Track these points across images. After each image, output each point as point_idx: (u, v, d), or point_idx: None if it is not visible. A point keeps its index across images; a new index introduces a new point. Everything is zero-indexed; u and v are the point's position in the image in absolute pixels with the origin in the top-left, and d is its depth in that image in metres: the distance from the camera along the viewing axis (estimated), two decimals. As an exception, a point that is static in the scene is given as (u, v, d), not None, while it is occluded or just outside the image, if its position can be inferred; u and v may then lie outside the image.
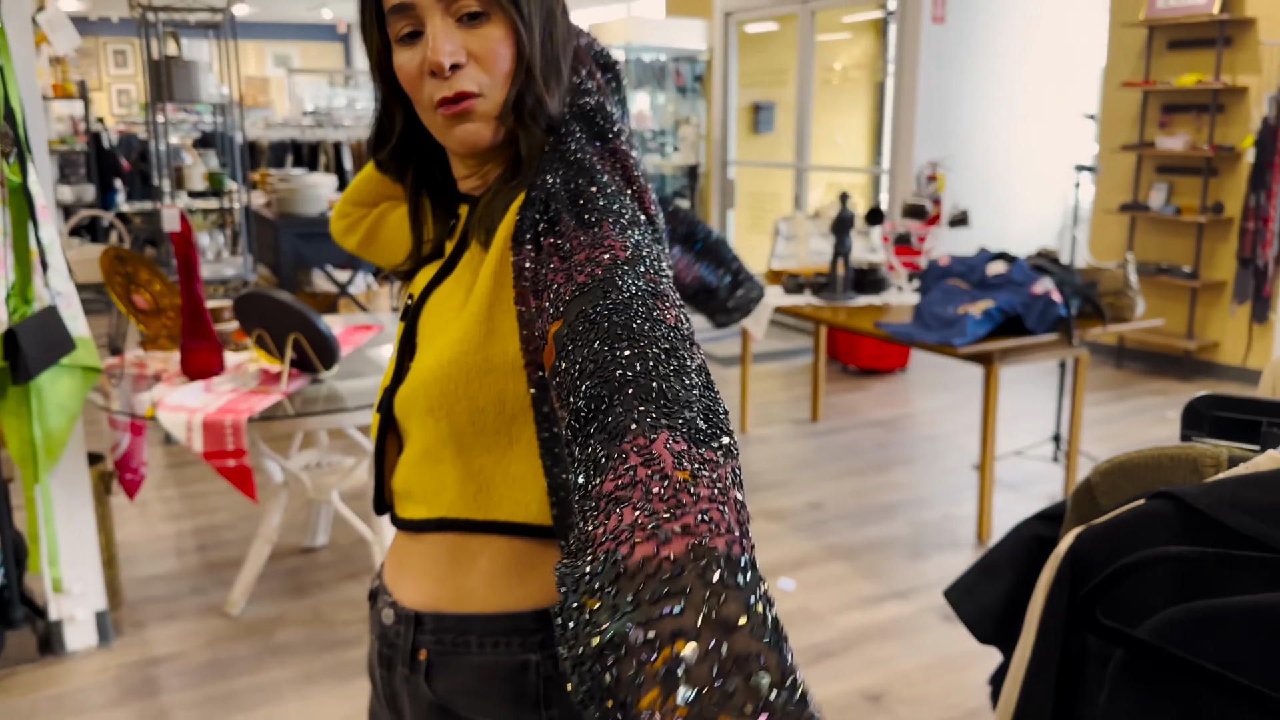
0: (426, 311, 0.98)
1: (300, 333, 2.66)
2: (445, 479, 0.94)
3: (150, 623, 2.92)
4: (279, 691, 2.58)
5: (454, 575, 0.96)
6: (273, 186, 5.11)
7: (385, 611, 1.01)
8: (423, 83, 0.91)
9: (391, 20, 0.91)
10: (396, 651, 0.99)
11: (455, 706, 0.95)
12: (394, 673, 1.00)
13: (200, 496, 3.86)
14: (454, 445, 0.93)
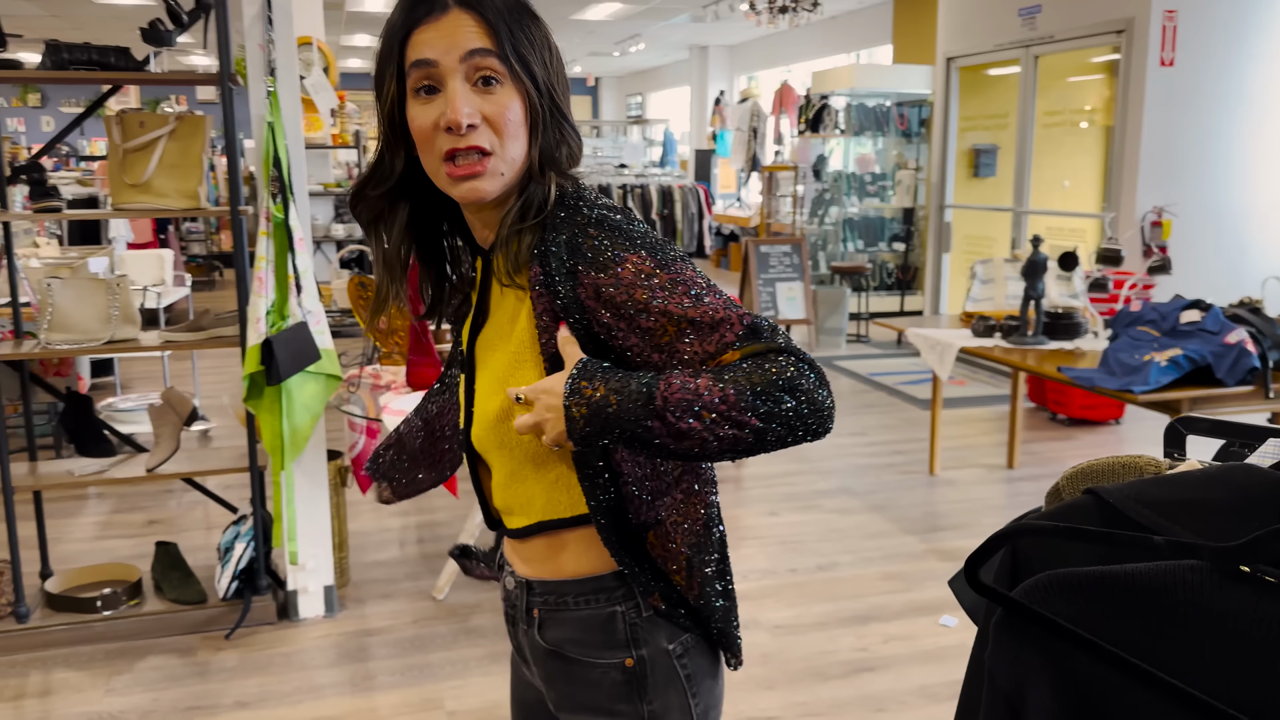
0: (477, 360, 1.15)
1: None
2: (532, 492, 1.13)
3: (369, 600, 3.36)
4: (467, 667, 2.93)
5: (552, 558, 1.16)
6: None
7: (507, 579, 1.22)
8: (435, 135, 1.02)
9: (412, 73, 1.02)
10: (518, 611, 1.21)
11: (565, 651, 1.16)
12: (517, 628, 1.22)
13: (424, 497, 4.35)
14: (530, 465, 1.11)
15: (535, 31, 1.06)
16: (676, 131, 15.87)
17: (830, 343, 7.99)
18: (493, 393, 1.10)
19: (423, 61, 1.01)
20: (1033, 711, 0.80)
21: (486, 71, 1.01)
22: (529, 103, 1.03)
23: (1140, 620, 0.76)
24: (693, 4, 10.81)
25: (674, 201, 9.91)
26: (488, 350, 1.14)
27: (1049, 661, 0.79)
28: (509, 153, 1.03)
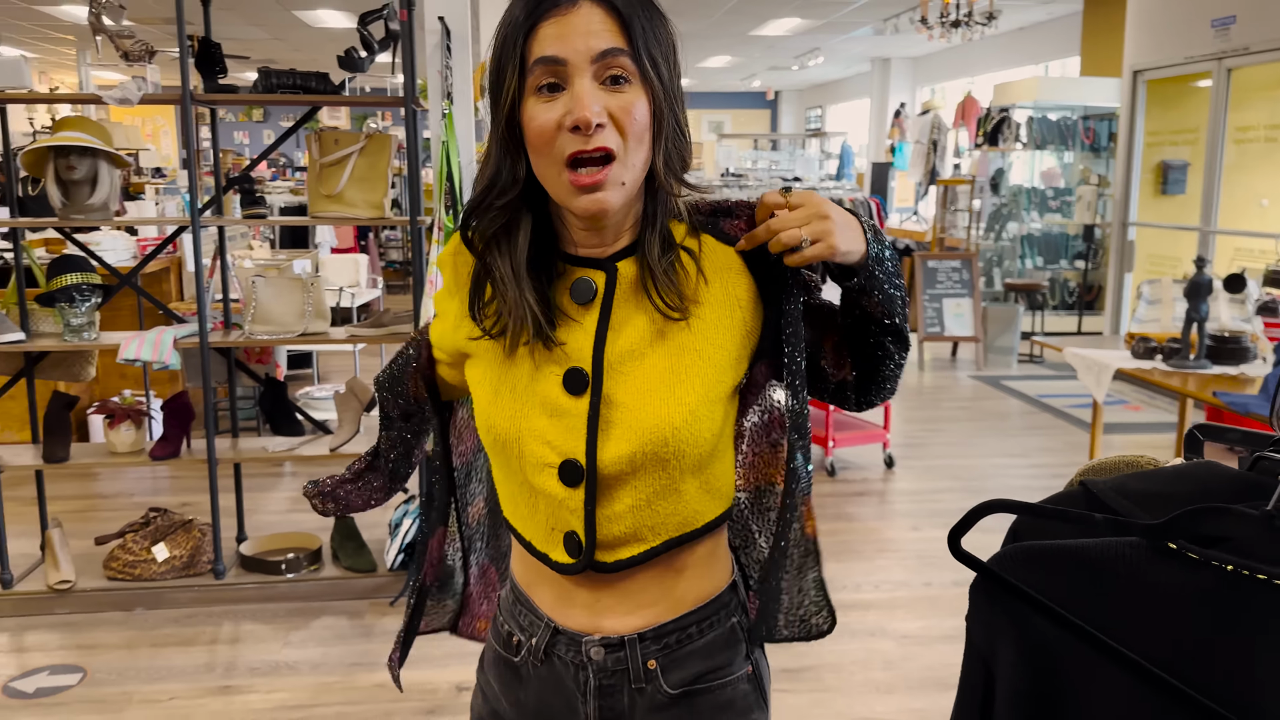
0: (610, 374, 1.02)
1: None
2: (676, 506, 1.03)
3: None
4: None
5: (668, 593, 1.06)
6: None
7: (594, 651, 1.06)
8: (557, 136, 0.94)
9: (535, 69, 0.94)
10: (621, 676, 1.06)
11: (695, 687, 1.07)
12: (617, 697, 1.07)
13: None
14: (689, 474, 1.03)
15: (664, 30, 0.99)
16: (855, 144, 15.74)
17: (1000, 362, 7.80)
18: (651, 402, 1.01)
19: (549, 59, 0.93)
20: (1001, 665, 0.91)
21: (617, 70, 0.95)
22: (655, 105, 0.97)
23: (1088, 588, 0.86)
24: (873, 17, 10.76)
25: (845, 215, 9.88)
26: (631, 361, 1.02)
27: (1014, 622, 0.90)
28: (631, 157, 0.96)
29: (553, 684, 1.09)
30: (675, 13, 1.03)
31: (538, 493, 1.04)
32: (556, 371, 1.03)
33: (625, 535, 1.03)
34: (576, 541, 1.03)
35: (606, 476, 1.01)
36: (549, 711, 1.10)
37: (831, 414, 4.78)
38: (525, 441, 1.03)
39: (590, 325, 1.04)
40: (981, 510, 0.92)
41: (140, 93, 3.03)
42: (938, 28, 7.03)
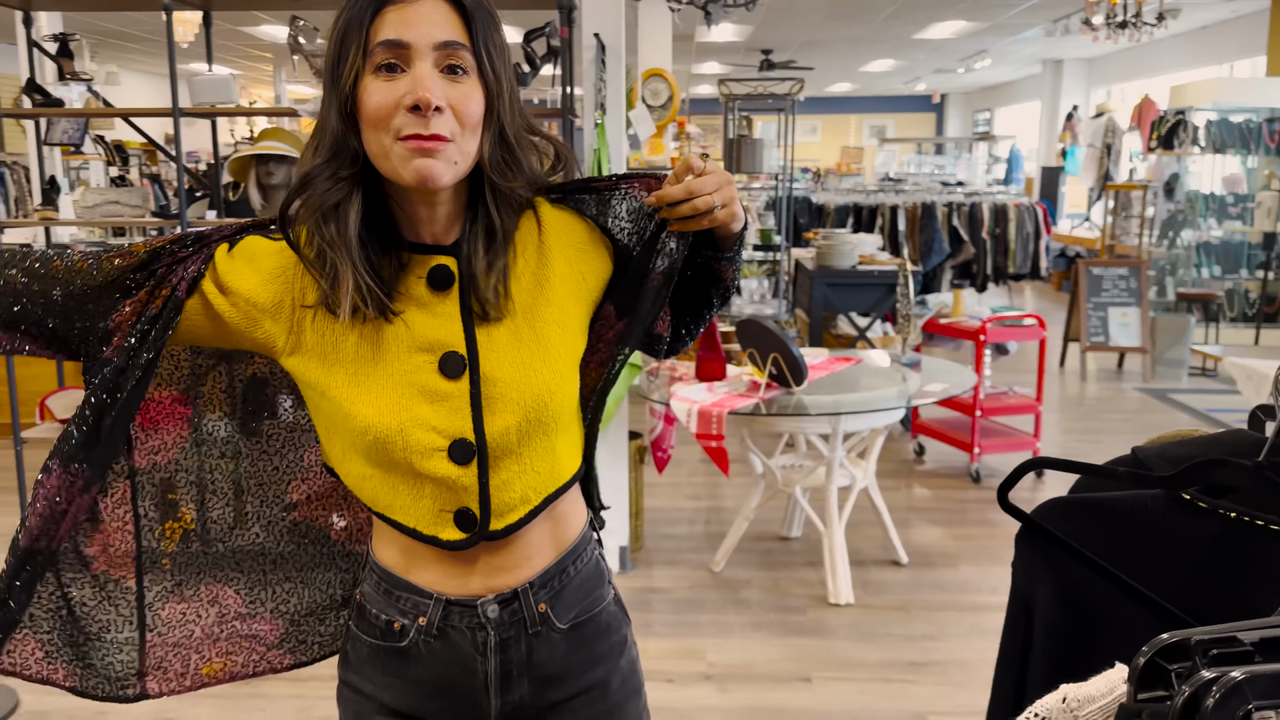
0: (481, 351, 1.08)
1: (778, 353, 3.36)
2: (550, 464, 1.12)
3: (656, 564, 3.82)
4: (730, 630, 3.29)
5: (549, 538, 1.15)
6: (817, 243, 5.96)
7: (490, 610, 1.11)
8: (395, 114, 0.98)
9: (377, 51, 0.98)
10: (517, 626, 1.13)
11: (580, 619, 1.17)
12: (515, 648, 1.13)
13: (714, 486, 4.78)
14: (561, 435, 1.12)
15: (500, 35, 1.05)
16: (1024, 148, 15.26)
17: (1169, 374, 7.47)
18: (527, 375, 1.08)
19: (392, 42, 0.98)
20: (1040, 604, 1.03)
21: (456, 61, 1.00)
22: (488, 99, 1.03)
23: (1115, 535, 0.97)
24: (1043, 18, 10.47)
25: (1008, 220, 9.64)
26: (500, 338, 1.09)
27: (1051, 566, 1.01)
28: (465, 145, 1.02)
29: (448, 654, 1.13)
30: (836, 18, 1.19)
31: (424, 478, 1.06)
32: (430, 359, 1.06)
33: (514, 500, 1.09)
34: (469, 516, 1.08)
35: (495, 449, 1.07)
36: (446, 680, 1.13)
37: (978, 421, 4.76)
38: (410, 432, 1.05)
39: (454, 309, 1.08)
40: (1025, 467, 1.04)
41: (330, 107, 3.39)
42: (1104, 29, 6.82)
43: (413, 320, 1.07)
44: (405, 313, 1.07)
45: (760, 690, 2.92)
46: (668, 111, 7.48)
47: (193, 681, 1.23)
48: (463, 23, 1.01)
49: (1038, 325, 4.94)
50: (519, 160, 1.07)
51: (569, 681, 1.16)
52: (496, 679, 1.13)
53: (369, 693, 1.16)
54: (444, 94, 0.99)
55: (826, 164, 17.69)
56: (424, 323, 1.07)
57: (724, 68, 14.95)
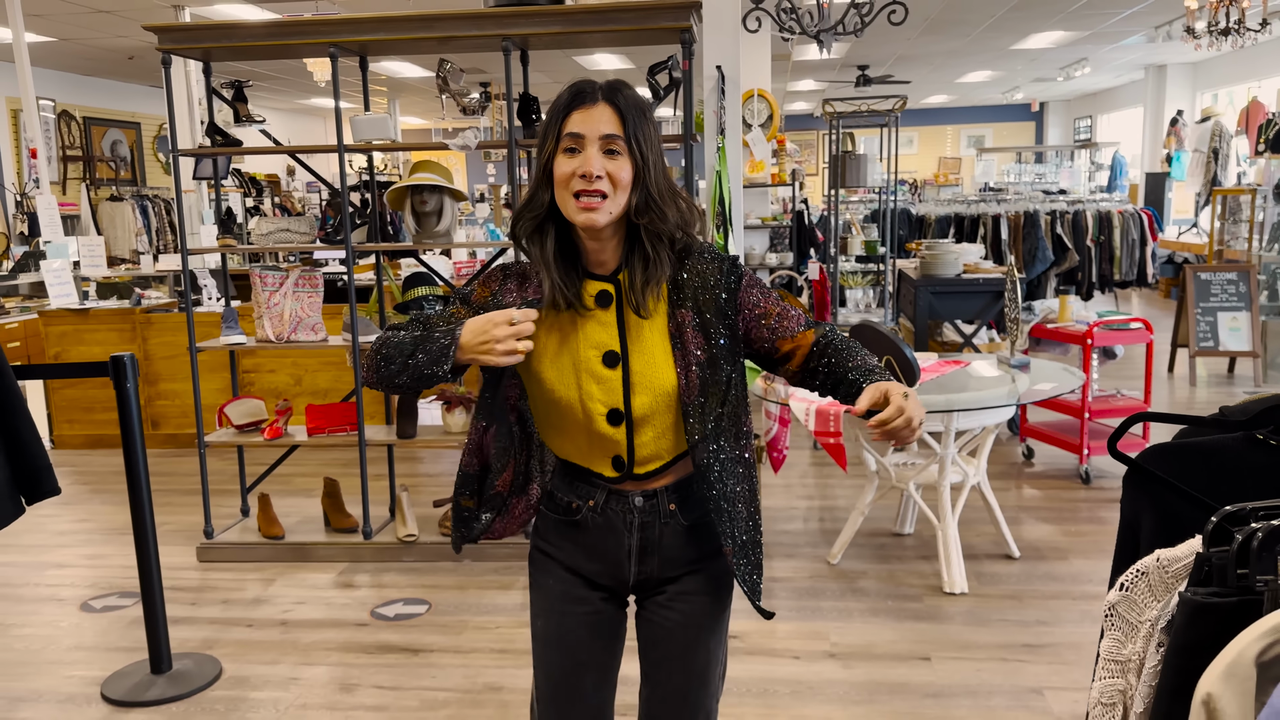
0: (630, 350, 1.57)
1: (891, 356, 3.59)
2: (672, 438, 1.61)
3: (775, 557, 4.07)
4: (850, 615, 3.52)
5: (681, 473, 1.64)
6: (921, 253, 6.14)
7: (636, 499, 1.62)
8: (571, 180, 1.48)
9: (565, 139, 1.49)
10: (654, 514, 1.62)
11: (699, 521, 1.64)
12: (651, 529, 1.63)
13: (828, 486, 5.00)
14: (672, 422, 1.60)
15: (650, 126, 1.53)
16: (1127, 154, 15.04)
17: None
18: (658, 371, 1.57)
19: (574, 134, 1.48)
20: (1144, 532, 1.27)
21: (614, 147, 1.48)
22: (635, 170, 1.50)
23: (1204, 472, 1.21)
24: (1144, 25, 10.41)
25: (1112, 228, 9.61)
26: (641, 345, 1.57)
27: (1153, 500, 1.26)
28: (617, 200, 1.50)
29: (606, 527, 1.65)
30: (932, 32, 1.46)
31: (593, 433, 1.59)
32: (597, 354, 1.57)
33: (649, 456, 1.60)
34: (621, 461, 1.61)
35: (637, 419, 1.58)
36: (604, 545, 1.66)
37: (1086, 423, 4.88)
38: (586, 401, 1.57)
39: (612, 321, 1.58)
40: (1131, 420, 1.29)
41: (477, 140, 3.77)
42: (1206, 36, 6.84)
43: (585, 325, 1.58)
44: (581, 319, 1.58)
45: (882, 667, 3.15)
46: (767, 130, 7.75)
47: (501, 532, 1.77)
48: (620, 120, 1.50)
49: (1144, 329, 5.04)
50: (663, 209, 1.53)
51: (684, 564, 1.66)
52: (636, 551, 1.65)
53: (551, 553, 1.71)
54: (603, 166, 1.48)
55: (924, 175, 17.68)
56: (594, 328, 1.58)
57: (820, 84, 15.13)
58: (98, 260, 7.10)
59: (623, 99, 1.50)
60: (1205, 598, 0.81)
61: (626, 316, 1.57)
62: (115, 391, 3.11)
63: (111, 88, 12.12)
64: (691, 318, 1.57)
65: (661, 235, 1.53)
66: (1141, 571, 0.87)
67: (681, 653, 1.69)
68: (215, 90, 4.28)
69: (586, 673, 1.72)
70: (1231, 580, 0.81)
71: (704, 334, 1.57)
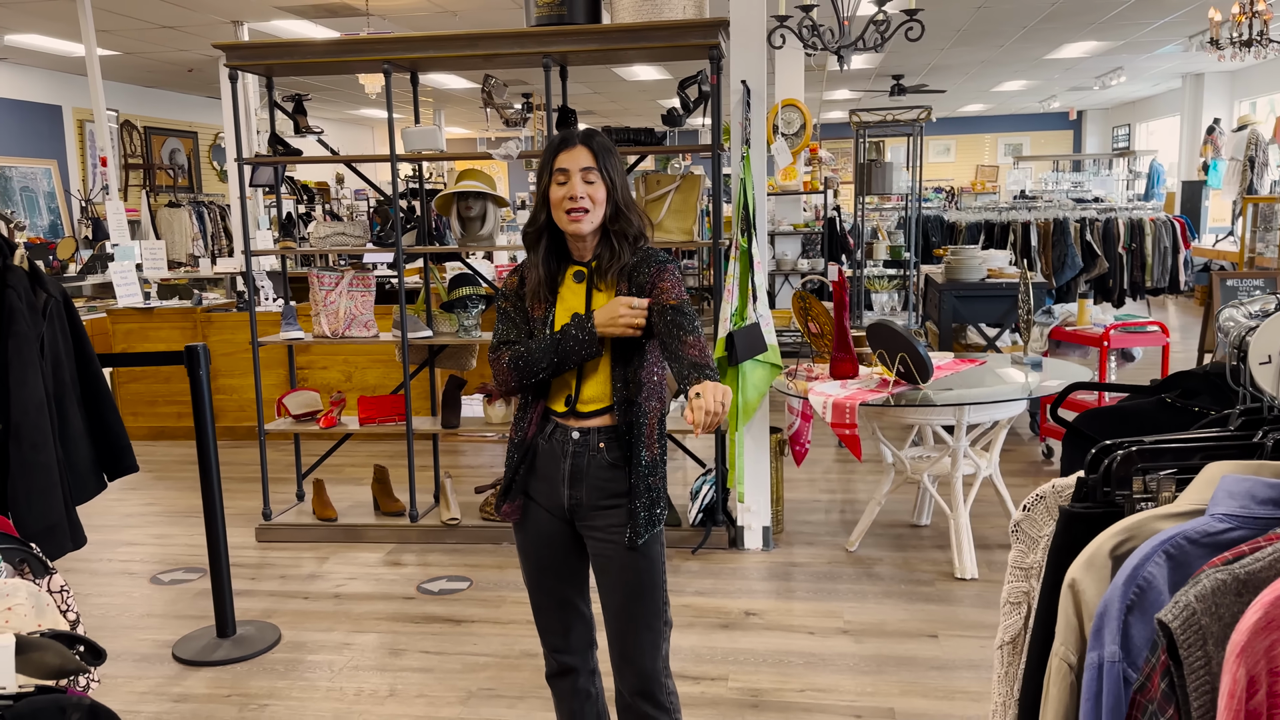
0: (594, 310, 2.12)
1: (906, 353, 3.81)
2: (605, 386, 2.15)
3: (795, 544, 4.30)
4: (865, 597, 3.74)
5: (609, 420, 2.14)
6: (946, 258, 6.34)
7: (573, 432, 2.12)
8: (562, 201, 2.06)
9: (557, 173, 2.07)
10: (584, 448, 2.11)
11: (621, 464, 2.12)
12: (580, 459, 2.11)
13: (848, 480, 5.22)
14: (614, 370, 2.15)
15: (616, 160, 2.10)
16: (1165, 163, 15.04)
17: (1311, 384, 7.47)
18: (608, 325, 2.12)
19: (562, 169, 2.07)
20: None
21: (591, 177, 2.07)
22: (608, 193, 2.08)
23: (1125, 429, 1.43)
24: (1178, 34, 10.50)
25: (1144, 235, 9.70)
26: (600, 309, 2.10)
27: (1081, 453, 1.48)
28: (596, 213, 2.08)
29: (549, 451, 2.15)
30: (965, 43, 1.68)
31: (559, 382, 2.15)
32: (568, 313, 2.12)
33: (590, 397, 2.13)
34: (570, 399, 2.13)
35: (585, 367, 2.13)
36: (545, 470, 2.15)
37: (1101, 421, 5.04)
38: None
39: (582, 293, 2.14)
40: (1069, 389, 1.52)
41: (519, 149, 4.05)
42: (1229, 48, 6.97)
43: (565, 295, 2.15)
44: (563, 290, 2.15)
45: (892, 643, 3.37)
46: (800, 139, 7.98)
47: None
48: (594, 157, 2.07)
49: (1161, 332, 5.20)
50: (628, 217, 2.11)
51: (605, 496, 2.11)
52: (568, 475, 2.13)
53: (511, 464, 2.20)
54: (585, 191, 2.06)
55: (961, 183, 17.76)
56: (569, 296, 2.15)
57: (855, 94, 15.30)
58: (159, 263, 7.50)
59: (595, 143, 2.08)
60: (1078, 509, 1.03)
61: (593, 290, 2.14)
62: (189, 379, 3.43)
63: (171, 99, 12.62)
64: (631, 293, 2.10)
65: (626, 235, 2.11)
66: (1040, 495, 1.10)
67: (618, 571, 2.14)
68: (277, 103, 4.60)
69: (544, 575, 2.23)
70: (1099, 496, 1.03)
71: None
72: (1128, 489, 1.02)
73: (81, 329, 3.25)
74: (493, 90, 4.17)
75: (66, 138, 10.91)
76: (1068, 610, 1.03)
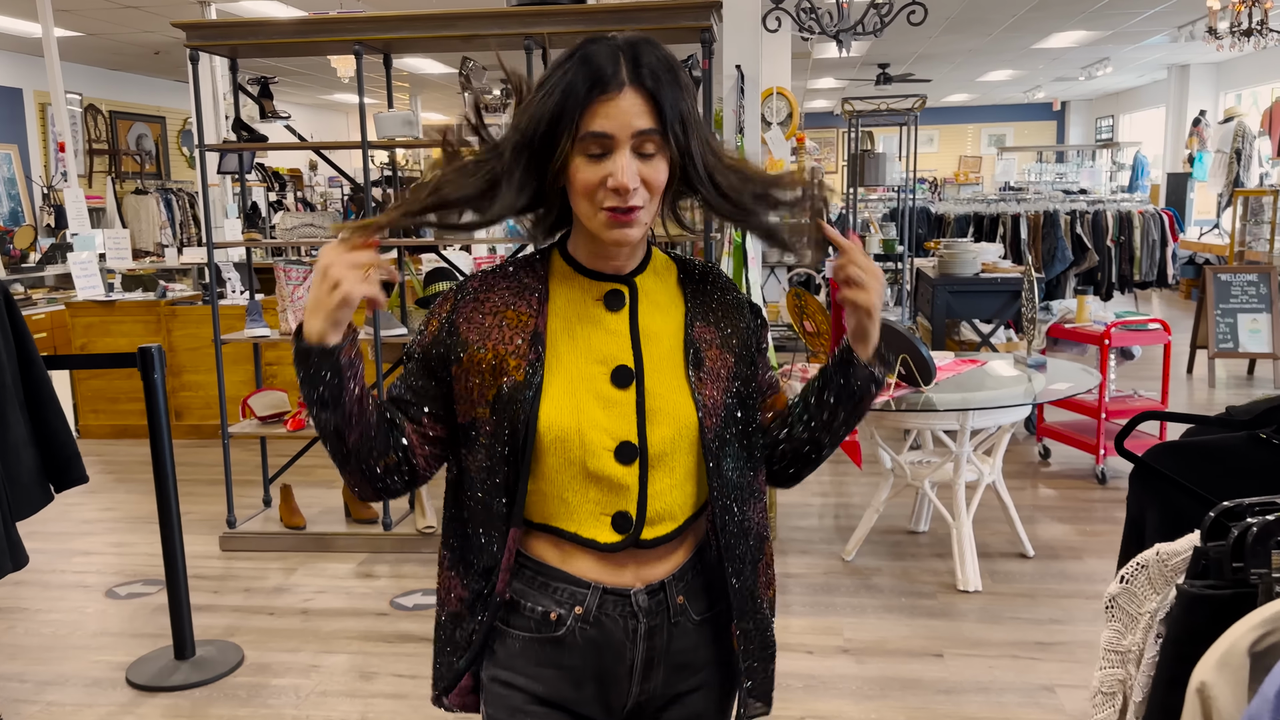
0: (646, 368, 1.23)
1: (907, 354, 3.62)
2: (693, 488, 1.26)
3: (789, 553, 4.11)
4: (864, 611, 3.55)
5: (681, 545, 1.28)
6: (939, 252, 6.15)
7: (641, 599, 1.24)
8: (597, 191, 1.15)
9: (586, 142, 1.13)
10: (661, 615, 1.25)
11: (709, 614, 1.31)
12: (659, 635, 1.26)
13: (843, 484, 5.03)
14: (696, 462, 1.25)
15: (687, 97, 1.18)
16: (1150, 155, 14.96)
17: (1303, 381, 7.36)
18: (684, 393, 1.23)
19: (599, 134, 1.13)
20: (1149, 528, 1.30)
21: (650, 146, 1.15)
22: (671, 166, 1.18)
23: (1211, 470, 1.23)
24: (1166, 25, 10.36)
25: (1132, 228, 9.58)
26: (661, 358, 1.24)
27: (1157, 497, 1.28)
28: (652, 208, 1.20)
29: (601, 641, 1.24)
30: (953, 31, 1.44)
31: (591, 477, 1.20)
32: (604, 370, 1.22)
33: (664, 512, 1.22)
34: (626, 519, 1.21)
35: (654, 455, 1.21)
36: (597, 666, 1.25)
37: (1103, 424, 4.89)
38: (586, 431, 1.19)
39: (623, 328, 1.24)
40: (1140, 418, 1.32)
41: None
42: (1229, 38, 6.81)
43: (588, 332, 1.23)
44: (581, 324, 1.24)
45: (895, 663, 3.17)
46: (787, 128, 7.76)
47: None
48: (654, 110, 1.15)
49: (1162, 329, 5.04)
50: (715, 185, 1.21)
51: (695, 672, 1.31)
52: (641, 665, 1.26)
53: (520, 685, 1.26)
54: (637, 173, 1.14)
55: (944, 174, 17.63)
56: (599, 338, 1.23)
57: (840, 82, 15.11)
58: (123, 253, 7.20)
59: (651, 76, 1.15)
60: (1201, 590, 0.84)
61: (642, 322, 1.25)
62: (143, 382, 3.17)
63: (137, 82, 12.25)
64: (714, 335, 1.28)
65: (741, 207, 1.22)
66: (1141, 565, 0.90)
67: None
68: (241, 86, 4.34)
69: None
70: (1227, 573, 0.84)
71: (730, 354, 1.28)
72: (1265, 565, 0.83)
73: (24, 327, 2.99)
74: (471, 74, 3.93)
75: (28, 122, 10.53)
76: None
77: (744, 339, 1.30)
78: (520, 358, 1.21)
